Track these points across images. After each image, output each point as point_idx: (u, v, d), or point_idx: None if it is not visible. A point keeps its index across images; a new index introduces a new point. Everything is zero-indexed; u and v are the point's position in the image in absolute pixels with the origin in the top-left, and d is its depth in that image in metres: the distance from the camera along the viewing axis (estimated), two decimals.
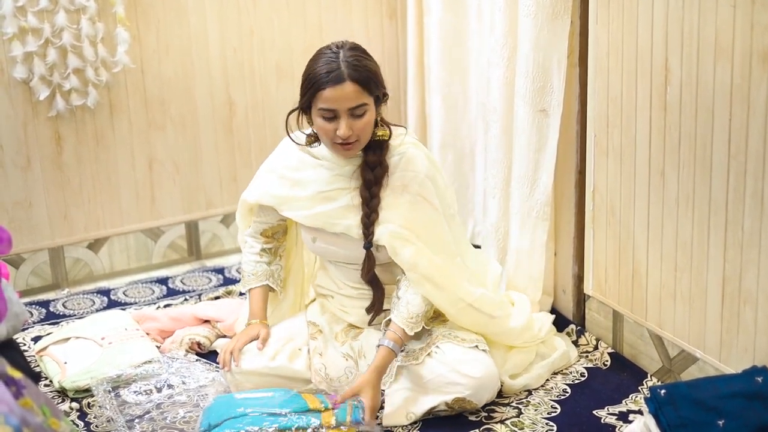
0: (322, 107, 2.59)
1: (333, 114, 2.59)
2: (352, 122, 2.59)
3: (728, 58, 2.41)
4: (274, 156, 2.92)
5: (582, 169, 3.09)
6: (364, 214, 2.71)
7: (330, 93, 2.57)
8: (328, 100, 2.58)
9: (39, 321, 3.45)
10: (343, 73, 2.56)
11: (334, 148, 2.67)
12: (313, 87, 2.60)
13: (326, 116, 2.60)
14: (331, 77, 2.56)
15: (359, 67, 2.58)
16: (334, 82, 2.56)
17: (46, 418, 1.73)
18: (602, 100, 2.91)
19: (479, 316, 2.80)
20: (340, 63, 2.58)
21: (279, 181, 2.83)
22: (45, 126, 3.59)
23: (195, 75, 3.83)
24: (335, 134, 2.60)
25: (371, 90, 2.61)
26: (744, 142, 2.40)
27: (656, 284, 2.82)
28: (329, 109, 2.58)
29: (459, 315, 2.78)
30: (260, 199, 2.87)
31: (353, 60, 2.59)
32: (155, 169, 3.84)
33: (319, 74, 2.59)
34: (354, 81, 2.57)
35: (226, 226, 4.03)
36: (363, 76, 2.58)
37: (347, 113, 2.58)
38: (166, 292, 3.68)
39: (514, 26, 3.15)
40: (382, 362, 2.66)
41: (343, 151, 2.65)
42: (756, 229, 2.41)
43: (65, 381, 2.88)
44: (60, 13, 3.45)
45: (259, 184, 2.89)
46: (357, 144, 2.64)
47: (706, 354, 2.66)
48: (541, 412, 2.74)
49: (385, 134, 2.70)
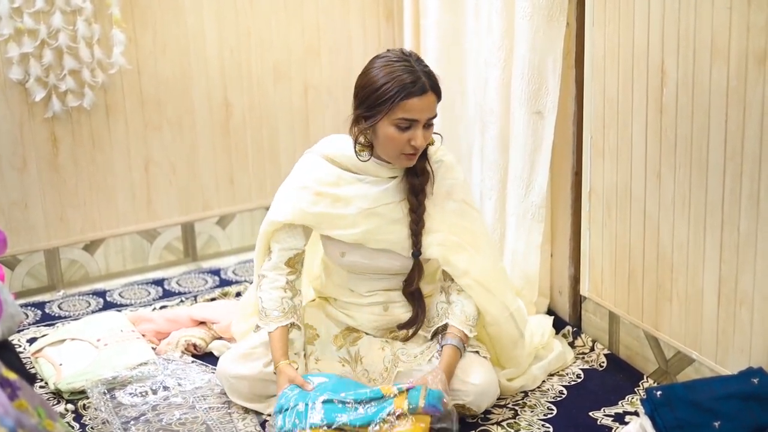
0: (403, 117, 2.55)
1: (410, 124, 2.56)
2: (425, 132, 2.59)
3: (724, 60, 2.41)
4: (302, 172, 2.77)
5: (578, 170, 3.09)
6: (412, 221, 2.68)
7: (415, 103, 2.54)
8: (411, 111, 2.54)
9: (34, 322, 3.45)
10: (426, 84, 2.55)
11: (399, 159, 2.63)
12: (396, 96, 2.54)
13: (402, 126, 2.56)
14: (417, 87, 2.54)
15: (434, 78, 2.59)
16: (420, 92, 2.54)
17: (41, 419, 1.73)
18: (599, 101, 2.91)
19: (514, 329, 2.80)
20: (419, 74, 2.56)
21: (315, 198, 2.70)
22: (41, 127, 3.58)
23: (192, 76, 3.83)
24: (407, 144, 2.58)
25: (440, 100, 2.62)
26: (740, 144, 2.40)
27: (652, 285, 2.82)
28: (410, 119, 2.55)
29: (502, 323, 2.76)
30: (294, 219, 2.71)
31: (429, 71, 2.59)
32: (151, 171, 3.84)
33: (401, 84, 2.54)
34: (434, 92, 2.58)
35: (223, 227, 4.02)
36: (438, 88, 2.60)
37: (424, 123, 2.58)
38: (162, 294, 3.68)
39: (510, 28, 3.15)
40: (450, 360, 2.62)
41: (407, 161, 2.63)
42: (752, 231, 2.41)
43: (61, 383, 2.88)
44: (56, 14, 3.45)
45: (289, 203, 2.73)
46: (419, 153, 2.64)
47: (702, 355, 2.66)
48: (537, 413, 2.74)
49: (432, 142, 2.71)
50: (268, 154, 4.02)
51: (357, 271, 2.79)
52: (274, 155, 4.00)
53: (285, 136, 4.02)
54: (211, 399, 2.83)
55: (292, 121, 4.03)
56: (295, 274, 2.77)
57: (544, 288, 3.30)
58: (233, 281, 3.75)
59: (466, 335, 2.66)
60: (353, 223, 2.68)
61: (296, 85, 4.02)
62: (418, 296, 2.76)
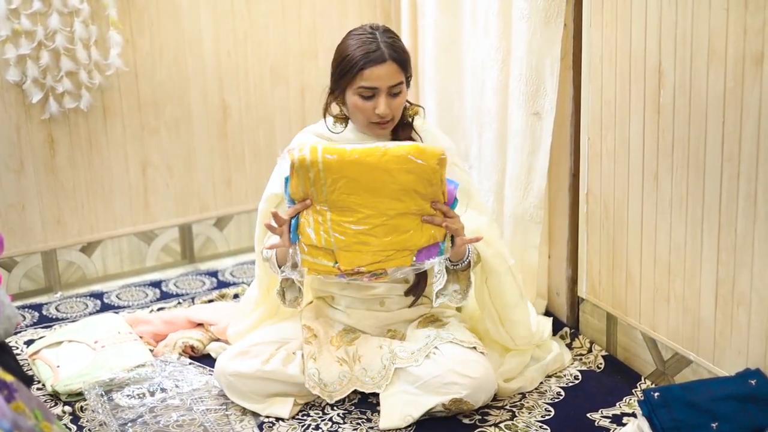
0: (363, 86, 2.67)
1: (372, 93, 2.67)
2: (389, 101, 2.68)
3: (721, 62, 2.41)
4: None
5: (576, 172, 3.09)
6: None
7: (373, 72, 2.65)
8: (370, 79, 2.66)
9: (32, 324, 3.45)
10: (385, 53, 2.66)
11: (370, 127, 2.74)
12: (355, 68, 2.66)
13: (365, 95, 2.68)
14: (374, 57, 2.65)
15: (397, 48, 2.69)
16: (377, 62, 2.65)
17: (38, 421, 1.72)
18: (596, 103, 2.92)
19: (515, 286, 2.84)
20: (380, 44, 2.67)
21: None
22: (38, 129, 3.58)
23: (189, 78, 3.83)
24: (373, 113, 2.68)
25: (406, 70, 2.72)
26: (737, 145, 2.40)
27: (650, 287, 2.82)
28: (370, 87, 2.67)
29: (502, 274, 2.80)
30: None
31: (391, 41, 2.70)
32: (149, 173, 3.84)
33: (359, 55, 2.66)
34: (394, 61, 2.67)
35: (220, 229, 4.02)
36: (401, 57, 2.69)
37: (386, 92, 2.67)
38: (159, 296, 3.68)
39: (508, 29, 3.15)
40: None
41: (379, 129, 2.73)
42: (749, 232, 2.41)
43: (58, 385, 2.87)
44: (53, 15, 3.44)
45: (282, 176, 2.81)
46: (391, 123, 2.73)
47: (699, 357, 2.66)
48: (535, 415, 2.74)
49: (415, 111, 2.81)
50: (265, 155, 4.02)
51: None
52: (271, 157, 4.00)
53: (282, 137, 4.02)
54: (208, 401, 2.83)
55: (289, 122, 4.03)
56: None
57: (542, 289, 3.30)
58: (231, 283, 3.75)
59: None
60: None
61: (293, 87, 4.02)
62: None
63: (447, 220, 2.56)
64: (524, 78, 3.07)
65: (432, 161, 2.48)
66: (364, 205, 2.51)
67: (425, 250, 2.57)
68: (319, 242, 2.54)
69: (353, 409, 2.78)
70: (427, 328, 2.80)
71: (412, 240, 2.54)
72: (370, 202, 2.50)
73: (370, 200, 2.50)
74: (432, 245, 2.57)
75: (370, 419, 2.72)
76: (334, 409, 2.78)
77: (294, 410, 2.76)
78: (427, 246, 2.56)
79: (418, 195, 2.51)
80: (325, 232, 2.53)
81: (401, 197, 2.50)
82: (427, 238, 2.55)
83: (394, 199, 2.50)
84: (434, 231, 2.55)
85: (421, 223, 2.54)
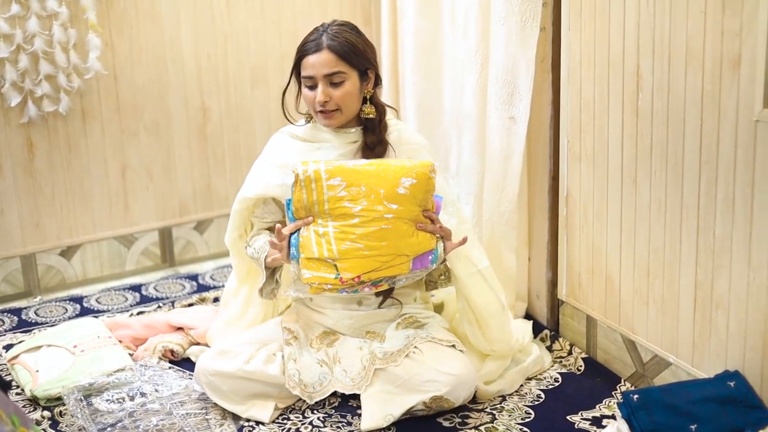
0: (304, 75, 2.75)
1: (312, 82, 2.73)
2: (329, 90, 2.73)
3: (699, 65, 2.42)
4: (269, 152, 2.94)
5: (555, 175, 3.09)
6: None
7: (308, 60, 2.73)
8: (307, 67, 2.73)
9: (11, 329, 3.43)
10: (322, 42, 2.72)
11: (318, 117, 2.78)
12: (297, 57, 2.77)
13: (308, 84, 2.75)
14: (310, 46, 2.73)
15: (338, 38, 2.73)
16: (312, 51, 2.72)
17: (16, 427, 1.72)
18: (575, 106, 2.92)
19: (488, 290, 2.85)
20: (322, 34, 2.74)
21: (282, 170, 2.80)
22: (17, 133, 3.56)
23: (169, 81, 3.82)
24: (315, 102, 2.73)
25: (350, 60, 2.74)
26: (715, 148, 2.41)
27: (629, 289, 2.83)
28: (308, 76, 2.74)
29: (470, 282, 2.81)
30: (265, 192, 2.85)
31: (334, 32, 2.74)
32: (128, 176, 3.83)
33: (301, 45, 2.76)
34: (330, 49, 2.71)
35: (200, 233, 4.01)
36: (340, 46, 2.72)
37: (324, 80, 2.72)
38: (139, 300, 3.66)
39: (486, 32, 3.16)
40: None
41: (324, 119, 2.77)
42: (727, 235, 2.43)
43: (37, 389, 2.86)
44: (32, 19, 3.43)
45: (259, 179, 2.88)
46: (338, 114, 2.76)
47: (678, 359, 2.67)
48: (515, 417, 2.74)
49: (371, 112, 2.82)
50: (246, 159, 4.01)
51: None
52: (252, 160, 3.94)
53: (262, 141, 3.99)
54: (188, 405, 2.82)
55: (269, 125, 4.03)
56: None
57: (522, 292, 3.30)
58: (211, 286, 3.74)
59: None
60: None
61: (273, 90, 4.02)
62: None
63: (439, 227, 2.62)
64: (501, 81, 3.08)
65: (426, 170, 2.57)
66: (365, 209, 2.55)
67: (420, 258, 2.62)
68: (321, 254, 2.56)
69: (333, 412, 2.77)
70: (406, 329, 2.81)
71: (410, 245, 2.58)
72: (370, 207, 2.55)
73: (370, 205, 2.55)
74: (425, 253, 2.62)
75: (351, 422, 2.72)
76: (314, 412, 2.77)
77: (274, 415, 2.76)
78: (421, 254, 2.61)
79: (415, 200, 2.57)
80: (327, 242, 2.56)
81: (400, 201, 2.55)
82: (420, 244, 2.60)
83: (393, 203, 2.55)
84: (427, 238, 2.62)
85: (416, 230, 2.60)
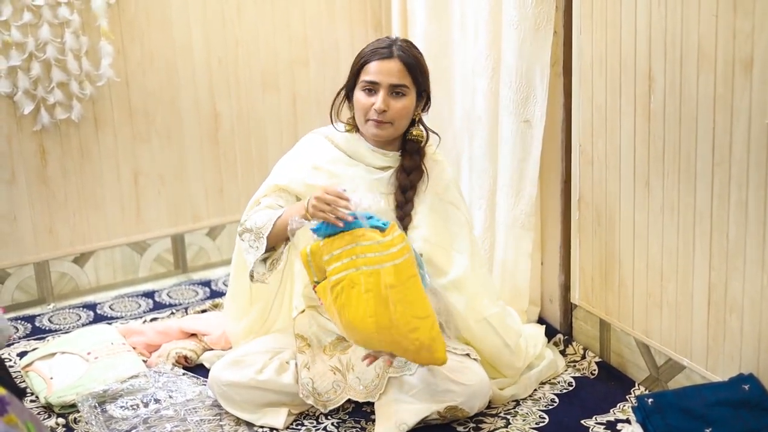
0: (366, 79, 2.68)
1: (374, 87, 2.67)
2: (389, 100, 2.67)
3: (711, 67, 2.42)
4: (302, 148, 2.87)
5: (567, 178, 3.09)
6: (397, 217, 2.73)
7: (376, 66, 2.67)
8: (372, 73, 2.67)
9: (25, 336, 3.44)
10: (393, 51, 2.68)
11: (367, 127, 2.72)
12: (362, 61, 2.70)
13: (367, 88, 2.68)
14: (381, 53, 2.68)
15: (409, 53, 2.70)
16: (382, 57, 2.67)
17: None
18: (587, 109, 2.92)
19: (494, 335, 2.81)
20: (392, 44, 2.70)
21: (314, 171, 2.78)
22: (30, 140, 3.58)
23: (180, 87, 3.83)
24: (371, 109, 2.67)
25: (415, 77, 2.70)
26: (728, 150, 2.41)
27: (642, 293, 2.82)
28: (372, 81, 2.67)
29: (477, 329, 2.78)
30: (290, 185, 2.78)
31: (404, 46, 2.71)
32: (141, 182, 3.83)
33: (369, 51, 2.71)
34: (401, 60, 2.67)
35: (213, 238, 4.02)
36: (411, 60, 2.69)
37: (387, 88, 2.66)
38: (152, 306, 3.67)
39: (497, 37, 3.16)
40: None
41: (375, 128, 2.70)
42: (741, 237, 2.42)
43: (51, 397, 2.87)
44: (44, 26, 3.44)
45: (289, 172, 2.81)
46: (389, 127, 2.70)
47: (692, 362, 2.66)
48: (529, 422, 2.74)
49: (420, 135, 2.77)
50: (257, 164, 4.01)
51: None
52: (263, 165, 4.00)
53: (274, 146, 4.02)
54: (202, 411, 2.83)
55: (280, 130, 4.03)
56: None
57: (535, 296, 3.30)
58: (223, 292, 3.74)
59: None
60: None
61: (284, 95, 4.02)
62: None
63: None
64: (514, 85, 3.07)
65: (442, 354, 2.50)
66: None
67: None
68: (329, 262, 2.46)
69: (347, 418, 2.77)
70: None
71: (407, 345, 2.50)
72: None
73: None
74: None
75: (365, 428, 2.72)
76: (328, 418, 2.77)
77: (288, 420, 2.76)
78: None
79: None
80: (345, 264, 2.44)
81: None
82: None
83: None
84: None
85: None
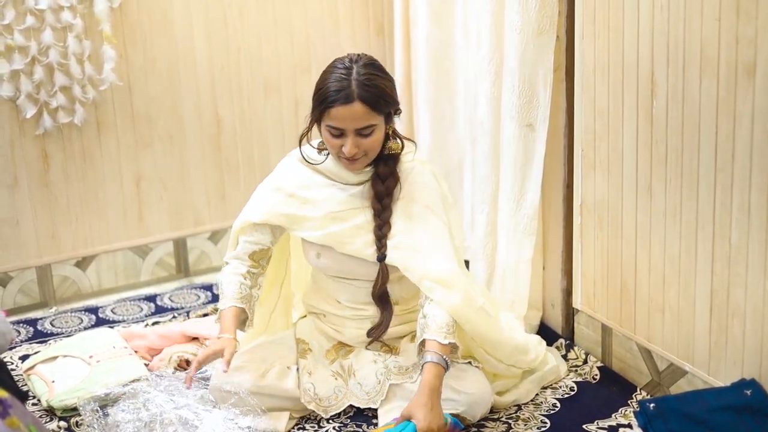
0: (329, 125, 2.57)
1: (340, 132, 2.57)
2: (359, 141, 2.58)
3: (714, 72, 2.42)
4: (279, 174, 2.83)
5: (570, 183, 3.09)
6: (377, 226, 2.69)
7: (338, 112, 2.54)
8: (335, 119, 2.55)
9: (27, 339, 3.44)
10: (353, 92, 2.52)
11: (340, 162, 2.67)
12: (323, 104, 2.56)
13: (333, 133, 2.58)
14: (340, 96, 2.52)
15: (370, 87, 2.54)
16: (343, 101, 2.52)
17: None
18: (589, 114, 2.92)
19: (495, 321, 2.79)
20: (351, 81, 2.53)
21: (288, 200, 2.76)
22: (32, 144, 3.58)
23: (182, 92, 3.83)
24: (341, 150, 2.60)
25: (381, 109, 2.58)
26: (730, 155, 2.41)
27: (644, 298, 2.82)
28: (336, 127, 2.56)
29: (477, 318, 2.69)
30: (269, 219, 2.76)
31: (365, 79, 2.54)
32: (143, 187, 3.84)
33: (329, 91, 2.55)
34: (363, 101, 2.53)
35: (215, 243, 4.02)
36: (373, 97, 2.54)
37: (354, 133, 2.57)
38: (154, 310, 3.67)
39: (500, 41, 3.16)
40: (430, 377, 2.50)
41: (349, 165, 2.65)
42: (743, 242, 2.42)
43: (53, 400, 2.87)
44: (46, 30, 3.45)
45: (264, 204, 2.79)
46: (364, 159, 2.64)
47: (694, 367, 2.66)
48: (530, 426, 2.74)
49: (396, 147, 2.69)
50: (259, 169, 4.01)
51: (333, 274, 2.80)
52: (265, 170, 3.97)
53: (276, 151, 4.02)
54: None
55: (282, 135, 4.03)
56: (258, 268, 2.80)
57: (537, 301, 3.29)
58: None
59: (447, 346, 2.56)
60: (320, 225, 2.72)
61: (286, 100, 4.03)
62: (385, 300, 2.76)
63: None
64: (517, 90, 3.07)
65: None
66: None
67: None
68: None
69: (349, 422, 2.77)
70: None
71: None
72: None
73: None
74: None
75: None
76: (329, 422, 2.77)
77: (290, 424, 2.76)
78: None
79: None
80: None
81: None
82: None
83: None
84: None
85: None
